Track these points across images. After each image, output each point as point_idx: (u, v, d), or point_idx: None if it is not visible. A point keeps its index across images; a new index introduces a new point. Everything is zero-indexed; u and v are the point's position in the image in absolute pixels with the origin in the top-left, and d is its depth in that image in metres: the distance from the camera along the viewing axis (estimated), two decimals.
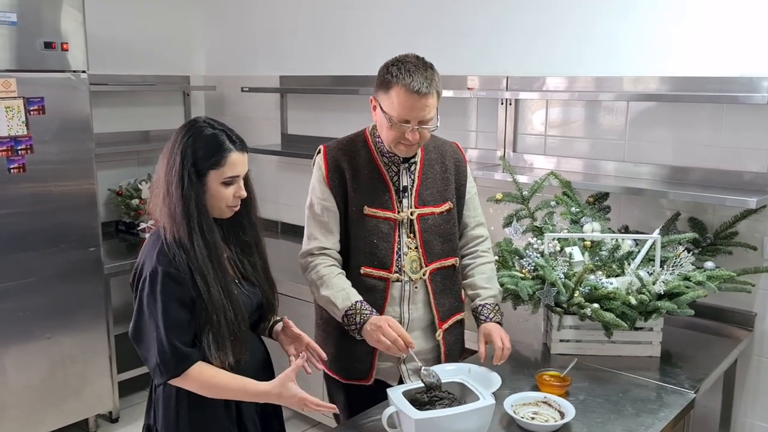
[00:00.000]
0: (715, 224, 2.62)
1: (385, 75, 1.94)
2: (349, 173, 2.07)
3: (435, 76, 1.95)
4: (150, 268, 1.71)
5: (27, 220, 3.15)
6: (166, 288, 1.69)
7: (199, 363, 1.72)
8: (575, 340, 2.30)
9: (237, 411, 1.85)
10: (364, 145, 2.10)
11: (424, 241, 2.08)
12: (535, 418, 1.82)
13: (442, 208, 2.12)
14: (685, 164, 2.71)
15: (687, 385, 2.09)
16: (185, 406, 1.78)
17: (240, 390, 1.75)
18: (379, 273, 2.06)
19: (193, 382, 1.72)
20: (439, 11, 3.35)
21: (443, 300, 2.14)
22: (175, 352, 1.68)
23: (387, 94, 1.94)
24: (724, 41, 2.56)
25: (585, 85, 2.91)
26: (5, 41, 3.02)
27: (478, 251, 2.25)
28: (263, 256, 1.94)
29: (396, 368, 2.14)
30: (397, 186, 2.08)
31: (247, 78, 4.28)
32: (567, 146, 3.04)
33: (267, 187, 4.23)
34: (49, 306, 3.27)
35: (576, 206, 2.62)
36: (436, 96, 1.95)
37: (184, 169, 1.70)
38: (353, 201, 2.06)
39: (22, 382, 3.22)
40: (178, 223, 1.70)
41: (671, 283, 2.19)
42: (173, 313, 1.69)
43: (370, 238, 2.05)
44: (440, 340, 2.14)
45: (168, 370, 1.70)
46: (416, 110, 1.91)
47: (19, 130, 3.06)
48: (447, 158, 2.16)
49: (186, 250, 1.70)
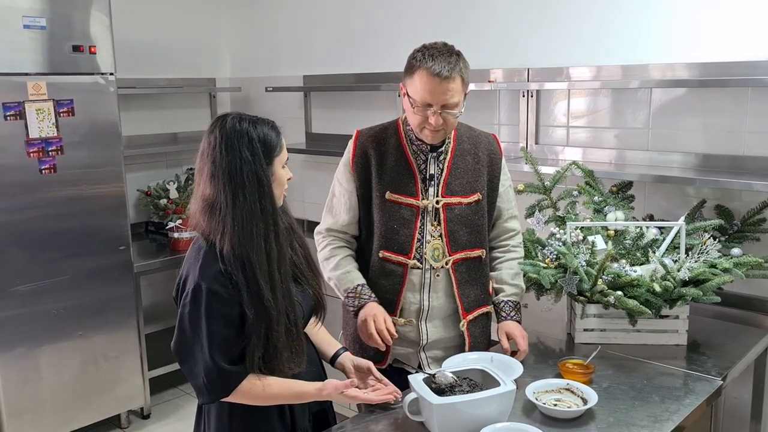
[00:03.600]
0: (742, 211, 2.57)
1: (411, 60, 2.00)
2: (376, 159, 2.11)
3: (460, 62, 1.97)
4: (193, 283, 1.62)
5: (58, 221, 3.24)
6: (210, 305, 1.60)
7: (248, 378, 1.65)
8: (599, 329, 2.27)
9: (291, 420, 1.80)
10: (395, 132, 2.14)
11: (449, 231, 2.10)
12: (558, 405, 1.81)
13: (471, 199, 2.13)
14: (711, 151, 2.67)
15: (714, 372, 2.05)
16: (238, 417, 1.73)
17: (294, 395, 1.71)
18: (398, 258, 2.10)
19: (243, 397, 1.66)
20: (459, 6, 3.36)
21: (468, 291, 2.15)
22: (222, 372, 1.61)
23: (411, 78, 1.98)
24: (748, 25, 2.52)
25: (606, 74, 2.88)
26: (35, 45, 3.11)
27: (509, 246, 2.28)
28: (302, 243, 1.86)
29: (416, 354, 2.16)
30: (424, 174, 2.11)
31: (271, 78, 4.32)
32: (590, 137, 3.01)
33: (292, 185, 4.17)
34: (81, 304, 3.35)
35: (599, 195, 2.60)
36: (459, 81, 1.97)
37: (257, 165, 1.62)
38: (377, 186, 2.10)
39: (56, 378, 3.30)
40: (250, 230, 1.60)
41: (696, 269, 2.16)
42: (218, 331, 1.60)
43: (391, 223, 2.09)
44: (465, 331, 2.15)
45: (216, 390, 1.63)
46: (437, 94, 1.94)
47: (50, 132, 3.15)
48: (480, 150, 2.17)
49: (252, 261, 1.61)
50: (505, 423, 1.67)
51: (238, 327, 1.62)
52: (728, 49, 2.57)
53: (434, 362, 2.14)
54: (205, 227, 1.66)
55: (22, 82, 3.06)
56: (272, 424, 1.76)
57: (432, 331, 2.15)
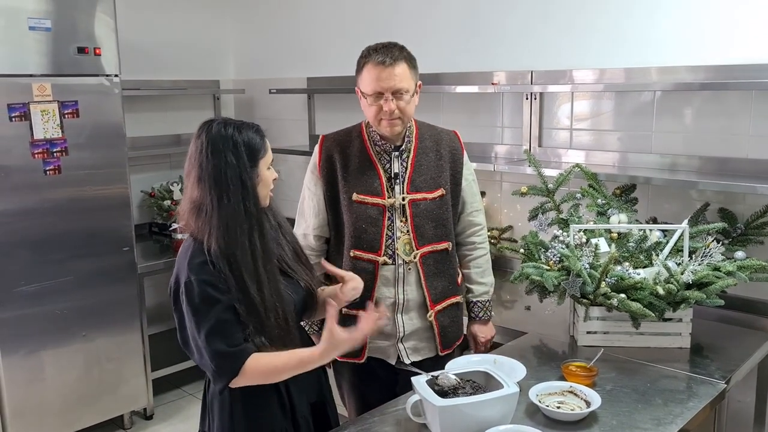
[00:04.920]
0: (746, 215, 2.57)
1: (358, 61, 2.14)
2: (341, 163, 2.19)
3: (403, 52, 2.10)
4: (184, 279, 1.69)
5: (63, 222, 3.24)
6: (204, 294, 1.65)
7: (252, 356, 1.67)
8: (602, 331, 2.27)
9: (291, 408, 1.82)
10: (358, 135, 2.23)
11: (416, 226, 2.17)
12: (561, 407, 1.81)
13: (435, 194, 2.19)
14: (715, 154, 2.67)
15: (717, 375, 2.05)
16: (239, 409, 1.77)
17: (298, 362, 1.70)
18: (368, 256, 2.17)
19: (252, 375, 1.68)
20: (463, 9, 3.36)
21: (436, 282, 2.21)
22: (225, 355, 1.65)
23: (361, 75, 2.12)
24: (752, 28, 2.52)
25: (610, 77, 2.89)
26: (41, 46, 3.12)
27: (475, 243, 2.35)
28: (291, 237, 1.92)
29: (394, 347, 2.22)
30: (388, 173, 2.18)
31: (275, 80, 4.33)
32: (593, 139, 3.02)
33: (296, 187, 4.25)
34: (84, 305, 3.35)
35: (602, 198, 2.60)
36: (405, 67, 2.07)
37: (240, 168, 1.68)
38: (344, 189, 2.18)
39: (60, 379, 3.30)
40: (235, 229, 1.67)
41: (700, 272, 2.16)
42: (215, 317, 1.65)
43: (358, 223, 2.17)
44: (432, 321, 2.22)
45: (225, 373, 1.67)
46: (384, 80, 2.05)
47: (54, 133, 3.16)
48: (442, 146, 2.24)
49: (233, 257, 1.66)
50: (508, 425, 1.67)
51: (233, 310, 1.67)
52: (732, 52, 2.57)
53: (413, 352, 2.23)
54: (194, 228, 1.72)
55: (27, 84, 3.07)
56: (273, 412, 1.80)
57: (408, 323, 2.21)
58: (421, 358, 2.22)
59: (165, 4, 4.33)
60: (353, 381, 2.30)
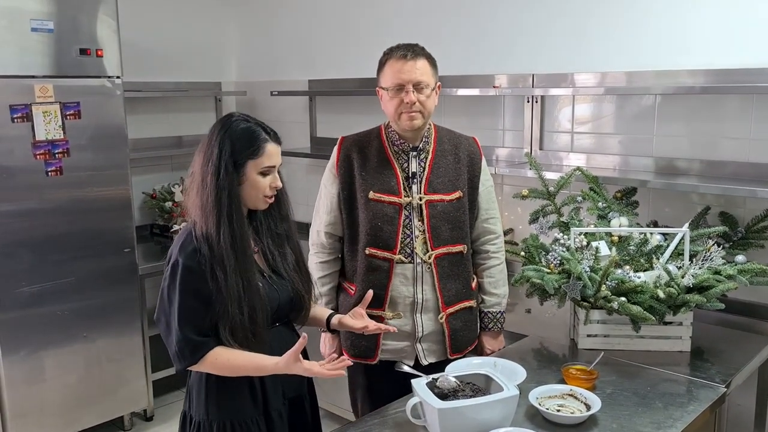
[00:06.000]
0: (747, 218, 2.57)
1: (380, 60, 2.19)
2: (358, 162, 2.21)
3: (424, 50, 2.15)
4: (173, 259, 1.78)
5: (64, 223, 3.25)
6: (185, 279, 1.74)
7: (214, 350, 1.77)
8: (603, 335, 2.28)
9: (263, 400, 1.88)
10: (377, 136, 2.25)
11: (432, 226, 2.18)
12: (561, 410, 1.82)
13: (452, 196, 2.20)
14: (715, 158, 2.68)
15: (718, 379, 2.05)
16: (213, 389, 1.85)
17: (255, 368, 1.79)
18: (383, 254, 2.18)
19: (210, 367, 1.78)
20: (465, 11, 3.37)
21: (449, 284, 2.21)
22: (190, 341, 1.75)
23: (382, 72, 2.16)
24: (753, 32, 2.52)
25: (611, 80, 2.89)
26: (43, 48, 3.12)
27: (489, 252, 2.34)
28: (296, 249, 1.97)
29: (412, 347, 2.22)
30: (406, 172, 2.19)
31: (276, 82, 4.34)
32: (594, 143, 3.02)
33: (297, 189, 4.27)
34: (85, 306, 3.35)
35: (603, 201, 2.61)
36: (426, 62, 2.12)
37: (221, 159, 1.75)
38: (361, 188, 2.19)
39: (60, 380, 3.30)
40: (208, 214, 1.75)
41: (700, 276, 2.16)
42: (189, 304, 1.74)
43: (375, 221, 2.17)
44: (443, 323, 2.21)
45: (184, 358, 1.77)
46: (406, 72, 2.09)
47: (56, 135, 3.16)
48: (461, 150, 2.26)
49: (211, 241, 1.75)
50: (508, 428, 1.67)
51: (209, 301, 1.75)
52: (733, 56, 2.58)
53: (430, 354, 2.23)
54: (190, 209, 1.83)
55: (29, 85, 3.08)
56: (243, 402, 1.86)
57: (427, 323, 2.21)
58: (436, 360, 2.22)
59: (167, 5, 4.34)
60: (366, 384, 2.30)
